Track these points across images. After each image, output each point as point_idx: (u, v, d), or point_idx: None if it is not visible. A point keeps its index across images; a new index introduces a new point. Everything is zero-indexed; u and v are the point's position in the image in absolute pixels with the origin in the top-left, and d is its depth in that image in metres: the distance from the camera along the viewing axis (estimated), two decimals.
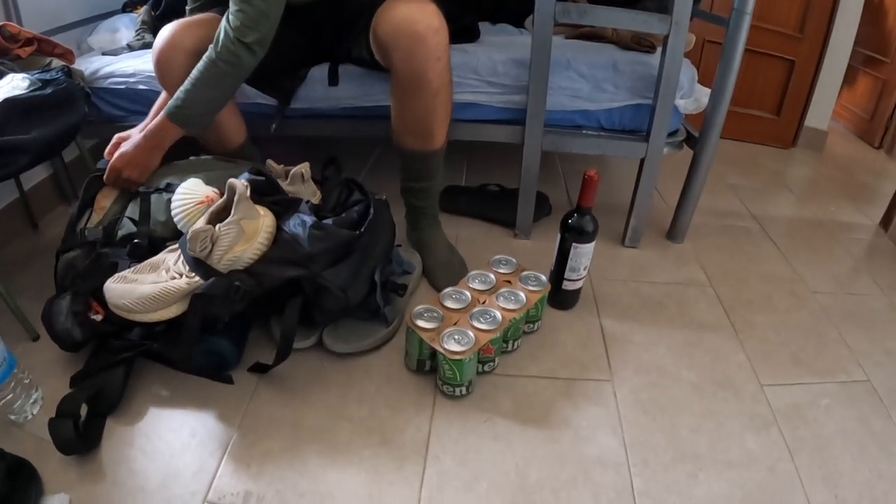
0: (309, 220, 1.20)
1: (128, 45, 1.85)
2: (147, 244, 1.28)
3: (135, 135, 1.37)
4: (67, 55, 1.63)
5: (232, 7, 1.23)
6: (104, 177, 1.35)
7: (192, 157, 1.47)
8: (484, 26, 1.82)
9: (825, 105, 2.87)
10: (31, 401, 1.13)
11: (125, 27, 1.92)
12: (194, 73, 1.27)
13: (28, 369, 1.15)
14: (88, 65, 1.68)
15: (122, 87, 1.63)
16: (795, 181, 2.58)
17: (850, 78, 3.21)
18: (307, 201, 1.27)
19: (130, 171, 1.34)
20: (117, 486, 1.01)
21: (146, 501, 0.99)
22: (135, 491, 1.00)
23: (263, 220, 1.19)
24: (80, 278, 1.23)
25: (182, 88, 1.28)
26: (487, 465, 1.09)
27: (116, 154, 1.34)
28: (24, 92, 1.31)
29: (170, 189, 1.33)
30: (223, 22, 1.24)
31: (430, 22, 1.25)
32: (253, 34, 1.23)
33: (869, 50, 3.20)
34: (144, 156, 1.34)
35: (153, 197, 1.34)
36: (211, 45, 1.25)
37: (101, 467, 1.04)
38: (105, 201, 1.36)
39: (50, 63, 1.56)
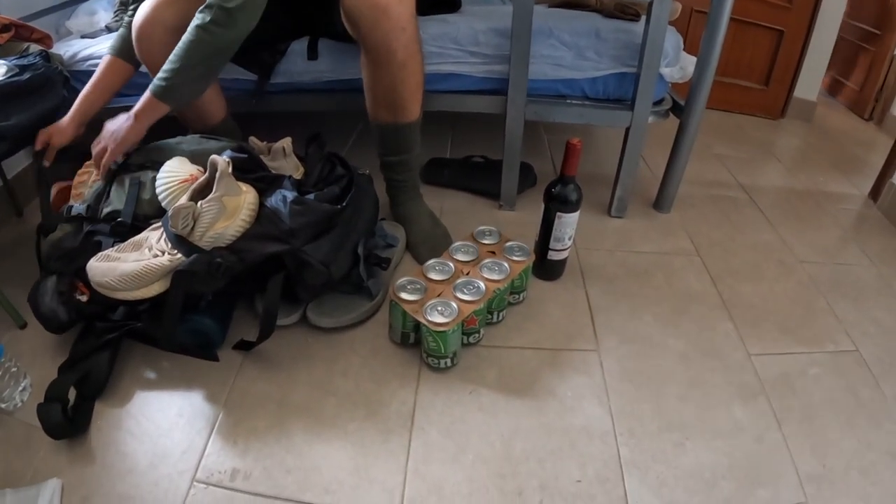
0: (290, 195, 1.19)
1: (106, 26, 1.82)
2: (131, 222, 1.26)
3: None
4: (45, 40, 1.61)
5: None
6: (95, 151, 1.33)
7: (178, 137, 1.45)
8: None
9: (814, 76, 2.86)
10: (20, 388, 1.12)
11: (103, 9, 1.89)
12: (178, 46, 1.23)
13: (16, 357, 1.14)
14: (67, 48, 1.65)
15: None
16: (784, 151, 2.57)
17: (840, 49, 3.20)
18: (290, 177, 1.26)
19: (111, 144, 1.31)
20: (107, 469, 1.00)
21: (136, 482, 0.99)
22: (124, 473, 1.00)
23: (246, 197, 1.18)
24: (65, 258, 1.22)
25: (166, 63, 1.25)
26: (473, 437, 1.09)
27: (105, 131, 1.33)
28: (1, 78, 1.29)
29: (154, 167, 1.31)
30: None
31: None
32: (235, 0, 1.18)
33: (859, 22, 3.19)
34: (124, 130, 1.31)
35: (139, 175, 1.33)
36: (196, 13, 1.21)
37: (91, 451, 1.03)
38: (82, 187, 1.36)
39: (27, 48, 1.53)
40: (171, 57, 1.24)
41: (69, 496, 0.96)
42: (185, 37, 1.22)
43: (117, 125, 1.31)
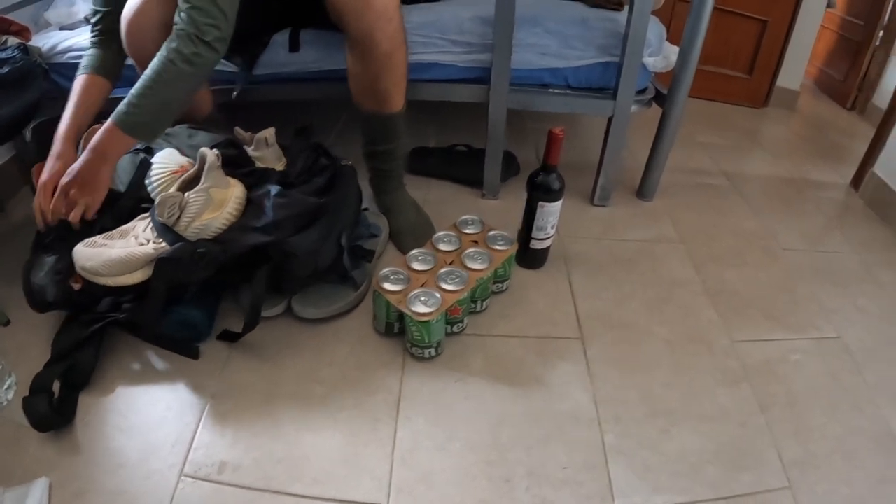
0: (273, 188, 1.20)
1: (85, 17, 1.80)
2: (131, 206, 1.27)
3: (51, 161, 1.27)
4: (24, 32, 1.59)
5: (184, 3, 1.14)
6: (52, 204, 1.20)
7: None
8: None
9: (797, 65, 2.88)
10: (5, 387, 1.11)
11: (82, 0, 1.88)
12: (146, 74, 1.16)
13: (0, 355, 1.14)
14: (46, 40, 1.63)
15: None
16: (767, 140, 2.58)
17: (823, 39, 3.22)
18: (276, 171, 1.27)
19: (83, 194, 1.20)
20: (97, 466, 1.00)
21: (126, 477, 0.99)
22: (114, 468, 1.00)
23: (233, 190, 1.20)
24: (66, 239, 1.21)
25: (132, 93, 1.17)
26: (460, 425, 1.10)
27: (65, 176, 1.20)
28: None
29: (150, 152, 1.32)
30: (176, 17, 1.16)
31: None
32: (214, 32, 1.15)
33: (843, 12, 3.21)
34: (93, 173, 1.19)
35: (129, 157, 1.32)
36: (165, 43, 1.15)
37: (80, 448, 1.03)
38: None
39: (6, 41, 1.51)
40: (139, 89, 1.16)
41: (61, 492, 0.95)
42: (160, 68, 1.15)
43: (79, 168, 1.19)
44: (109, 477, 0.98)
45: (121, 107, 1.17)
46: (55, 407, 1.05)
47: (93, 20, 1.37)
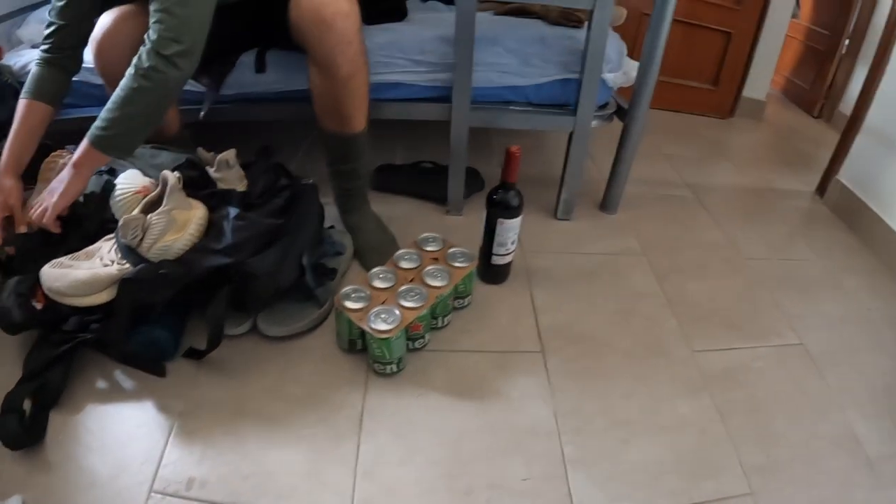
0: (233, 210, 1.22)
1: None
2: (96, 227, 1.28)
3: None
4: None
5: (151, 18, 1.15)
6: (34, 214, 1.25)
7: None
8: (413, 3, 1.81)
9: (763, 76, 2.93)
10: None
11: None
12: (116, 93, 1.17)
13: None
14: (18, 59, 1.64)
15: None
16: (733, 150, 2.62)
17: (790, 48, 3.28)
18: (237, 192, 1.29)
19: (51, 199, 1.24)
20: (68, 483, 1.01)
21: (97, 495, 0.99)
22: (85, 486, 1.00)
23: (195, 212, 1.22)
24: (30, 260, 1.23)
25: (105, 109, 1.19)
26: (422, 439, 1.12)
27: (46, 191, 1.25)
28: None
29: (113, 174, 1.33)
30: (147, 33, 1.16)
31: (339, 7, 1.24)
32: (174, 46, 1.14)
33: (809, 22, 3.27)
34: (60, 181, 1.24)
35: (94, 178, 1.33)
36: (134, 59, 1.16)
37: (51, 466, 1.03)
38: (49, 174, 1.35)
39: None
40: (109, 105, 1.18)
41: None
42: (124, 83, 1.17)
43: (57, 180, 1.25)
44: (81, 494, 0.99)
45: (94, 123, 1.20)
46: (26, 425, 1.06)
47: (46, 32, 1.34)
